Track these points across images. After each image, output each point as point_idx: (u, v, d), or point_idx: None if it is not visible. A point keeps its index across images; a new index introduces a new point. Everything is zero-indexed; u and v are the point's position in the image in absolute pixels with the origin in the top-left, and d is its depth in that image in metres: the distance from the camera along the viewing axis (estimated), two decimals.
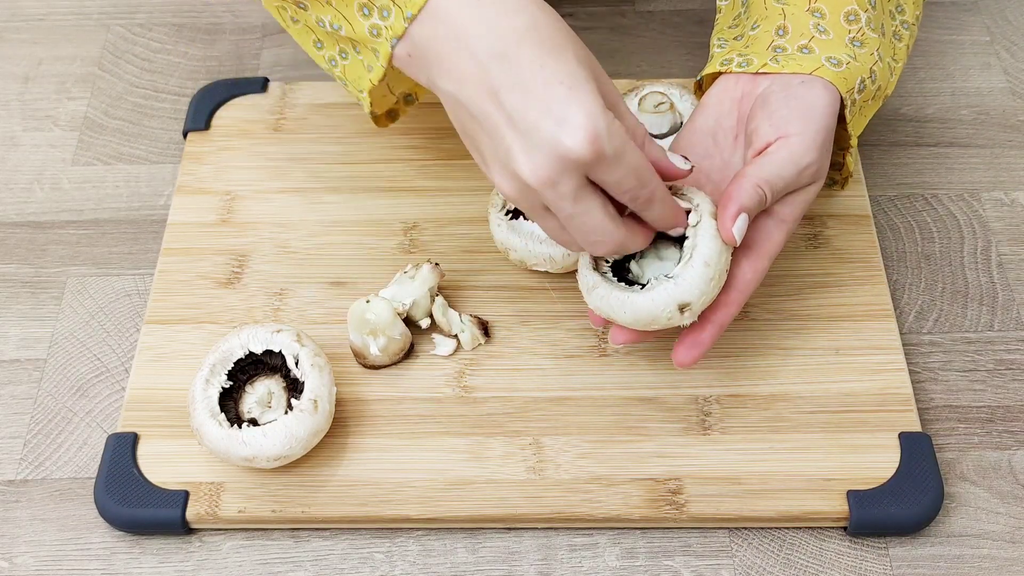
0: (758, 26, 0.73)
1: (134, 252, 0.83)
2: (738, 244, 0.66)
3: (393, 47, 0.65)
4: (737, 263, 0.68)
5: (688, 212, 0.67)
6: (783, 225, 0.69)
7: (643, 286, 0.66)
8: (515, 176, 0.61)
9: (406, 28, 0.63)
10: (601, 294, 0.66)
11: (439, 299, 0.75)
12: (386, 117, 0.79)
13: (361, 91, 0.71)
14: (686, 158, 0.67)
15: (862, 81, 0.70)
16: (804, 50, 0.70)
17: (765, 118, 0.69)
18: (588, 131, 0.59)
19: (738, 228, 0.65)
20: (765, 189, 0.66)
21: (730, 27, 0.76)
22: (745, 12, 0.75)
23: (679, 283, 0.64)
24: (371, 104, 0.72)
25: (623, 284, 0.67)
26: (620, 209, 0.65)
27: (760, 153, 0.68)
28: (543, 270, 0.76)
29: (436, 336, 0.76)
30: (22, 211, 0.86)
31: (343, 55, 0.71)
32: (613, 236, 0.63)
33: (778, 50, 0.71)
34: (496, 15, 0.61)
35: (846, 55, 0.70)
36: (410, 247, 0.80)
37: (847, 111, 0.70)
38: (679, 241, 0.68)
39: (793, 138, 0.68)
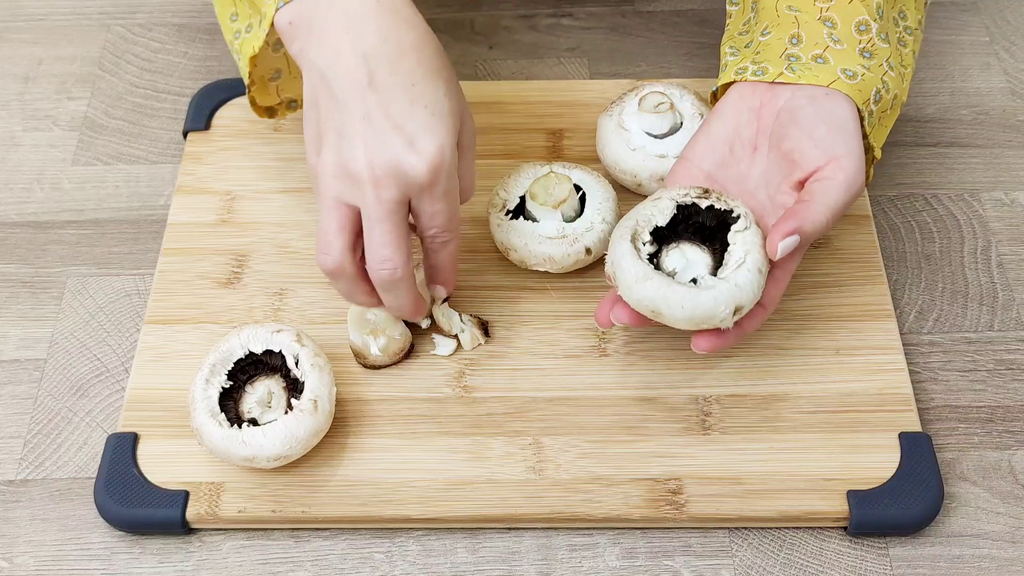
0: (769, 32, 0.73)
1: (134, 252, 0.83)
2: (776, 259, 0.67)
3: (278, 10, 0.67)
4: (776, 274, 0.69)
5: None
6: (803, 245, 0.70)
7: (681, 282, 0.67)
8: (345, 162, 0.64)
9: None
10: (655, 286, 0.65)
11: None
12: (265, 111, 0.80)
13: (245, 66, 0.73)
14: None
15: (876, 92, 0.70)
16: (819, 60, 0.70)
17: (805, 137, 0.69)
18: (432, 161, 0.64)
19: (785, 246, 0.66)
20: (830, 218, 0.67)
21: (740, 33, 0.76)
22: (755, 17, 0.75)
23: (740, 286, 0.66)
24: (250, 79, 0.74)
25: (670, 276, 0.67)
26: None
27: (812, 177, 0.68)
28: (543, 270, 0.76)
29: (436, 336, 0.76)
30: (22, 211, 0.86)
31: (248, 28, 0.72)
32: (402, 261, 0.66)
33: (792, 59, 0.71)
34: (389, 21, 0.64)
35: (859, 66, 0.70)
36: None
37: (865, 123, 0.70)
38: (704, 241, 0.69)
39: (843, 159, 0.68)
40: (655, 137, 0.80)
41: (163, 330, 0.77)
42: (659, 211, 0.69)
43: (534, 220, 0.76)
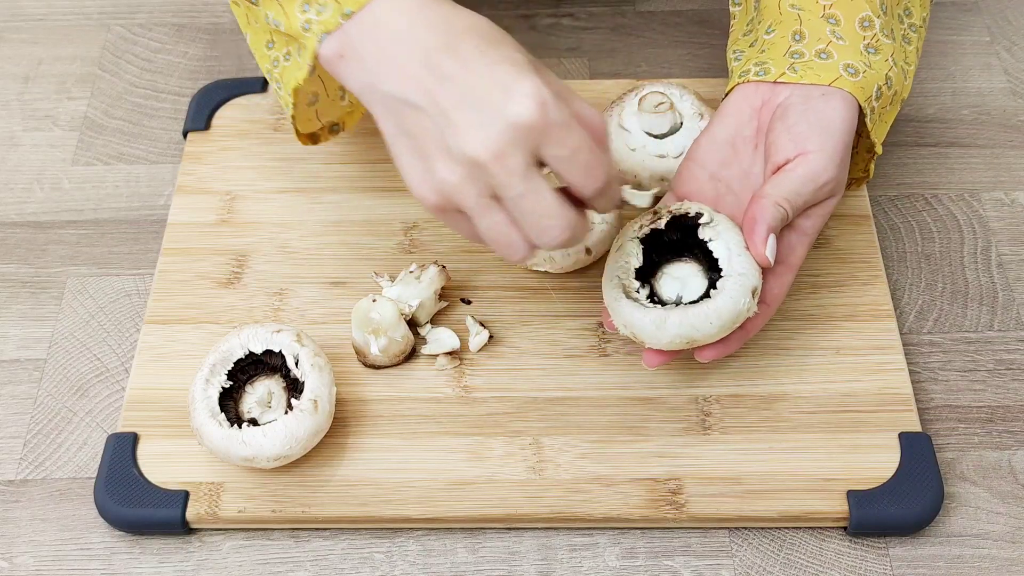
0: (773, 31, 0.73)
1: (134, 252, 0.83)
2: (771, 265, 0.67)
3: (320, 42, 0.64)
4: (765, 279, 0.69)
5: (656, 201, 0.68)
6: (805, 238, 0.71)
7: (693, 302, 0.67)
8: (463, 158, 0.60)
9: (340, 24, 0.63)
10: (677, 321, 0.66)
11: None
12: (308, 138, 0.79)
13: (289, 96, 0.70)
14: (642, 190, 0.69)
15: (878, 88, 0.70)
16: (822, 55, 0.70)
17: (784, 131, 0.69)
18: (535, 98, 0.59)
19: (770, 249, 0.67)
20: (786, 207, 0.67)
21: (744, 34, 0.76)
22: (758, 16, 0.75)
23: (744, 272, 0.66)
24: (293, 109, 0.71)
25: (680, 304, 0.68)
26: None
27: (779, 169, 0.69)
28: (543, 270, 0.76)
29: (436, 336, 0.76)
30: (22, 211, 0.86)
31: (287, 57, 0.70)
32: (565, 218, 0.61)
33: (795, 56, 0.71)
34: (436, 17, 0.62)
35: (862, 63, 0.70)
36: (410, 247, 0.80)
37: (867, 119, 0.70)
38: (689, 256, 0.70)
39: (812, 155, 0.68)
40: (655, 137, 0.80)
41: (163, 330, 0.77)
42: (629, 255, 0.70)
43: None
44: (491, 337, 0.76)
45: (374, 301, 0.73)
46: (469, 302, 0.77)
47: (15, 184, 0.88)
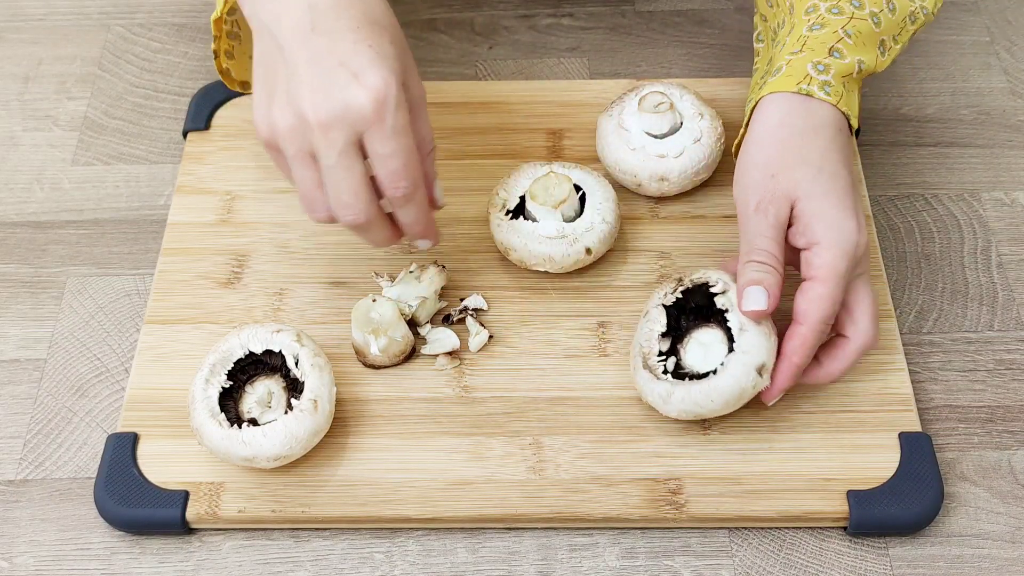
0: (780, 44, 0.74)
1: (134, 252, 0.83)
2: (766, 311, 0.67)
3: None
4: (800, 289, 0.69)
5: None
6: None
7: (702, 375, 0.69)
8: (296, 111, 0.63)
9: None
10: (680, 396, 0.68)
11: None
12: (239, 84, 0.81)
13: (213, 34, 0.75)
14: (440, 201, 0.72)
15: (818, 65, 0.70)
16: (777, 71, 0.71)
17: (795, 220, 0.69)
18: (377, 92, 0.63)
19: (749, 302, 0.68)
20: (823, 328, 0.68)
21: (762, 76, 0.75)
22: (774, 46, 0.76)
23: (748, 350, 0.67)
24: (215, 42, 0.75)
25: (688, 377, 0.69)
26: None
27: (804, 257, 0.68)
28: (543, 270, 0.76)
29: (436, 336, 0.76)
30: (22, 211, 0.86)
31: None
32: (364, 206, 0.66)
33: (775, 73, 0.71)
34: None
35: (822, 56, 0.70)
36: (410, 247, 0.80)
37: (826, 95, 0.70)
38: (714, 321, 0.71)
39: (824, 249, 0.67)
40: (655, 137, 0.80)
41: (163, 330, 0.77)
42: (654, 322, 0.71)
43: (534, 220, 0.76)
44: (491, 337, 0.76)
45: (374, 301, 0.73)
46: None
47: (15, 184, 0.88)
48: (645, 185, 0.80)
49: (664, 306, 0.71)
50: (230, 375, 0.70)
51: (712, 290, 0.70)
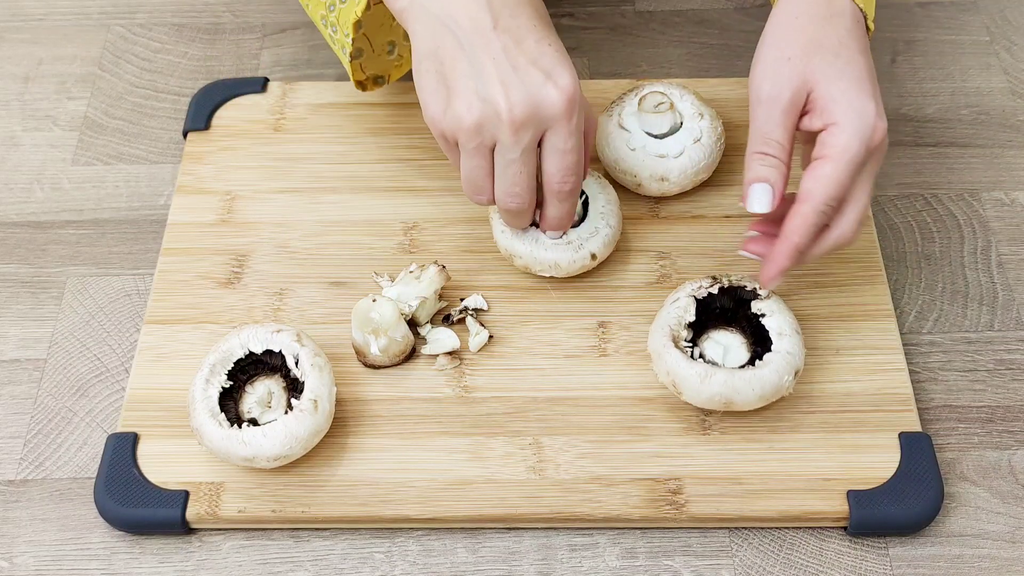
0: None
1: (134, 252, 0.83)
2: (769, 210, 0.67)
3: None
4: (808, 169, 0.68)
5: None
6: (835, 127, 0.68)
7: (740, 367, 0.70)
8: (487, 106, 0.65)
9: None
10: (721, 380, 0.68)
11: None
12: (373, 83, 0.82)
13: (347, 35, 0.74)
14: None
15: None
16: None
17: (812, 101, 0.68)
18: (570, 92, 0.65)
19: (756, 201, 0.68)
20: (826, 210, 0.67)
21: None
22: None
23: (792, 352, 0.69)
24: (352, 46, 0.75)
25: (723, 365, 0.70)
26: None
27: (815, 141, 0.68)
28: (548, 275, 0.76)
29: (436, 336, 0.76)
30: (22, 211, 0.86)
31: (340, 1, 0.74)
32: (530, 196, 0.69)
33: None
34: None
35: None
36: (410, 247, 0.80)
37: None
38: (735, 327, 0.72)
39: (839, 128, 0.66)
40: (655, 137, 0.80)
41: (163, 330, 0.77)
42: (683, 310, 0.71)
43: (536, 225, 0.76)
44: (491, 337, 0.76)
45: (374, 301, 0.73)
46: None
47: (15, 184, 0.88)
48: (645, 185, 0.80)
49: (696, 298, 0.72)
50: (230, 375, 0.70)
51: (758, 292, 0.71)
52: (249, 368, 0.71)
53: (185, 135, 0.88)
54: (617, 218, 0.77)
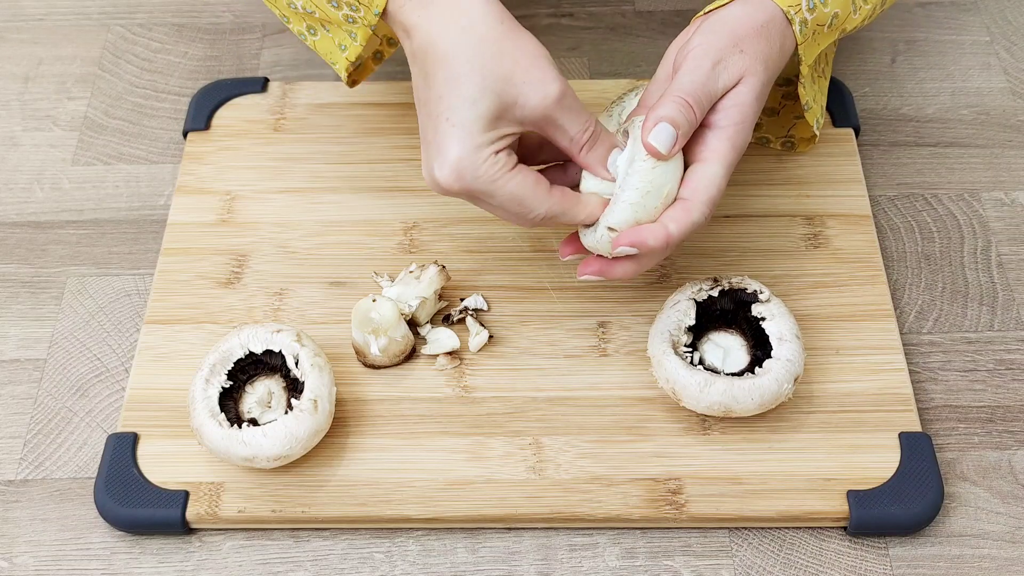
0: None
1: (134, 252, 0.84)
2: (663, 153, 0.65)
3: (373, 30, 0.69)
4: (691, 170, 0.67)
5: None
6: (722, 131, 0.67)
7: (738, 374, 0.70)
8: (429, 175, 0.67)
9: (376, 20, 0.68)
10: (721, 388, 0.68)
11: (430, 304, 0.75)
12: (371, 62, 0.81)
13: (335, 64, 0.74)
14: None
15: (811, 0, 0.69)
16: None
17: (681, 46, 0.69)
18: (452, 170, 0.65)
19: (657, 137, 0.65)
20: (685, 98, 0.66)
21: None
22: None
23: (792, 359, 0.69)
24: (348, 73, 0.75)
25: (723, 374, 0.70)
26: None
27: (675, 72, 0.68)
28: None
29: (436, 336, 0.76)
30: (22, 211, 0.86)
31: (311, 31, 0.73)
32: (535, 207, 0.67)
33: None
34: (444, 20, 0.65)
35: None
36: (410, 247, 0.80)
37: (796, 30, 0.69)
38: (735, 329, 0.72)
39: (696, 48, 0.67)
40: None
41: (163, 330, 0.77)
42: (683, 314, 0.71)
43: None
44: (491, 337, 0.76)
45: (374, 301, 0.73)
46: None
47: (15, 184, 0.88)
48: None
49: (695, 301, 0.72)
50: (230, 375, 0.70)
51: (759, 296, 0.71)
52: (249, 368, 0.71)
53: (185, 135, 0.88)
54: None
